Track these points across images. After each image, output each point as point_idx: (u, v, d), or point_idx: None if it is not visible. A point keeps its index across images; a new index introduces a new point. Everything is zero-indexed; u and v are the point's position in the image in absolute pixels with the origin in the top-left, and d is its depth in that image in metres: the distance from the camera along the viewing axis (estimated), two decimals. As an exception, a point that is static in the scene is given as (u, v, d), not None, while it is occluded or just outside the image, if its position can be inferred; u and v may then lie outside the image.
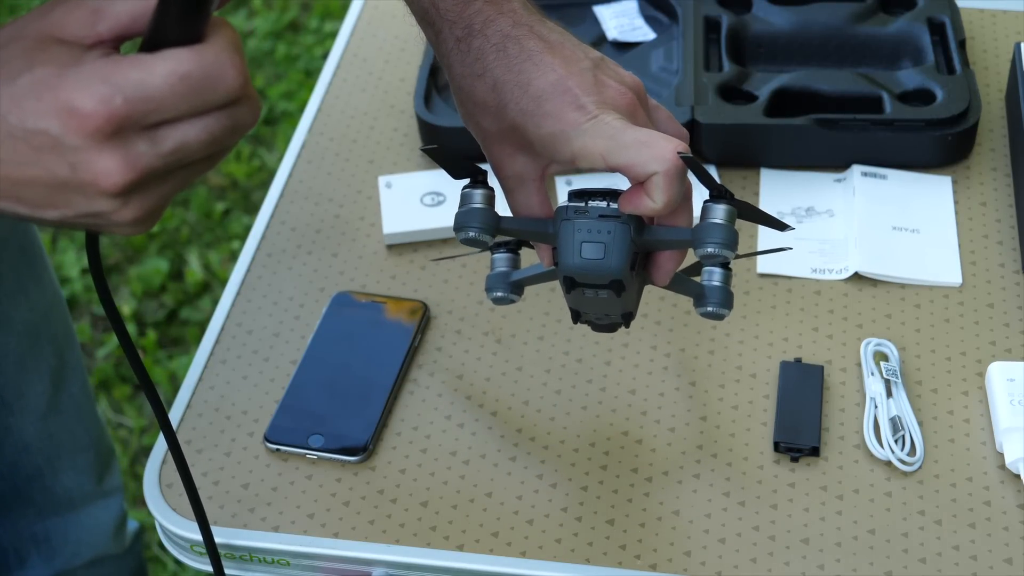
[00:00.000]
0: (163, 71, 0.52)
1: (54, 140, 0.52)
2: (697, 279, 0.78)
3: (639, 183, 0.68)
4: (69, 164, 0.53)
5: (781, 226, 0.72)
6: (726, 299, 0.75)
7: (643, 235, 0.72)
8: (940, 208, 0.99)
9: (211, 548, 0.76)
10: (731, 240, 0.69)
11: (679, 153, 0.67)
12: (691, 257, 0.74)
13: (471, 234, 0.72)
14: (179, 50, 0.52)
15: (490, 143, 0.74)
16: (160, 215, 0.57)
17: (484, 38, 0.72)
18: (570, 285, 0.73)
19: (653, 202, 0.68)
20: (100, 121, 0.51)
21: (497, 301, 0.80)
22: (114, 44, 0.54)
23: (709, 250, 0.69)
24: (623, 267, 0.71)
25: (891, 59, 1.09)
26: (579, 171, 1.03)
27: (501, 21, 0.72)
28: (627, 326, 0.79)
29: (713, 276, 0.76)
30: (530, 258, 0.83)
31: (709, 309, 0.76)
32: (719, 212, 0.69)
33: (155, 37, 0.53)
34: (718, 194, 0.70)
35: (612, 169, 0.69)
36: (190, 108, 0.53)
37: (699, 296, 0.76)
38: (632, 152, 0.67)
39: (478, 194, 0.73)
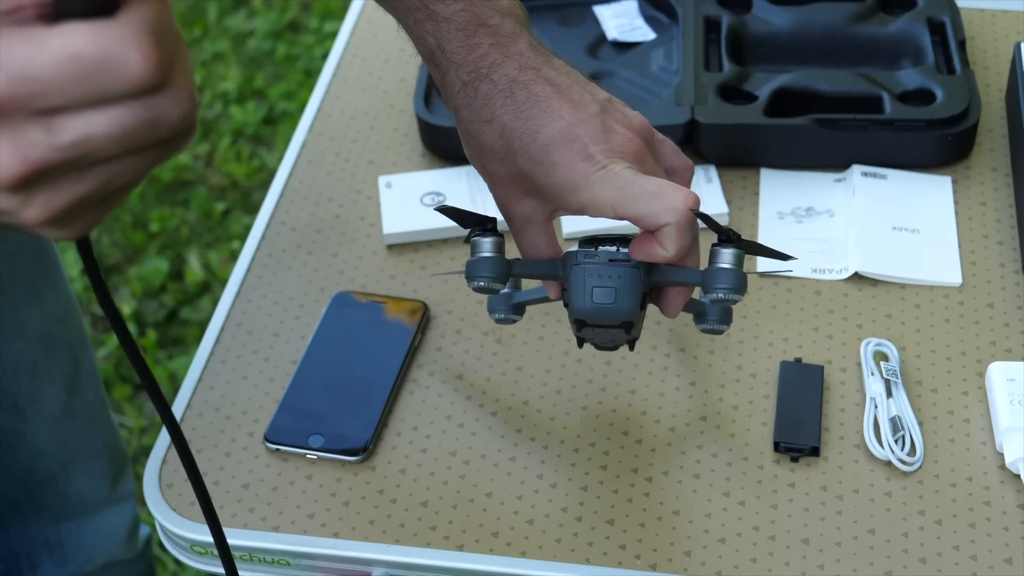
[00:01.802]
0: (52, 49, 0.44)
1: None
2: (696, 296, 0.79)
3: (649, 232, 0.69)
4: None
5: (784, 258, 0.73)
6: (725, 316, 0.77)
7: (652, 276, 0.73)
8: (940, 208, 0.99)
9: (222, 546, 0.75)
10: (740, 284, 0.71)
11: (691, 209, 0.68)
12: None
13: (482, 283, 0.74)
14: (77, 25, 0.44)
15: (498, 186, 0.74)
16: (90, 220, 0.49)
17: (491, 83, 0.72)
18: (581, 325, 0.75)
19: (665, 251, 0.69)
20: None
21: (499, 322, 0.83)
22: (40, 11, 0.46)
23: (719, 296, 0.71)
24: (634, 310, 0.72)
25: (891, 59, 1.09)
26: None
27: (508, 65, 0.72)
28: (631, 348, 0.80)
29: None
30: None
31: (709, 326, 0.78)
32: (727, 256, 0.71)
33: (59, 6, 0.45)
34: (726, 238, 0.71)
35: (622, 219, 0.69)
36: (85, 95, 0.45)
37: (699, 313, 0.78)
38: (643, 204, 0.68)
39: (487, 242, 0.74)
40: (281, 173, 1.06)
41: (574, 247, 0.75)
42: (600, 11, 1.15)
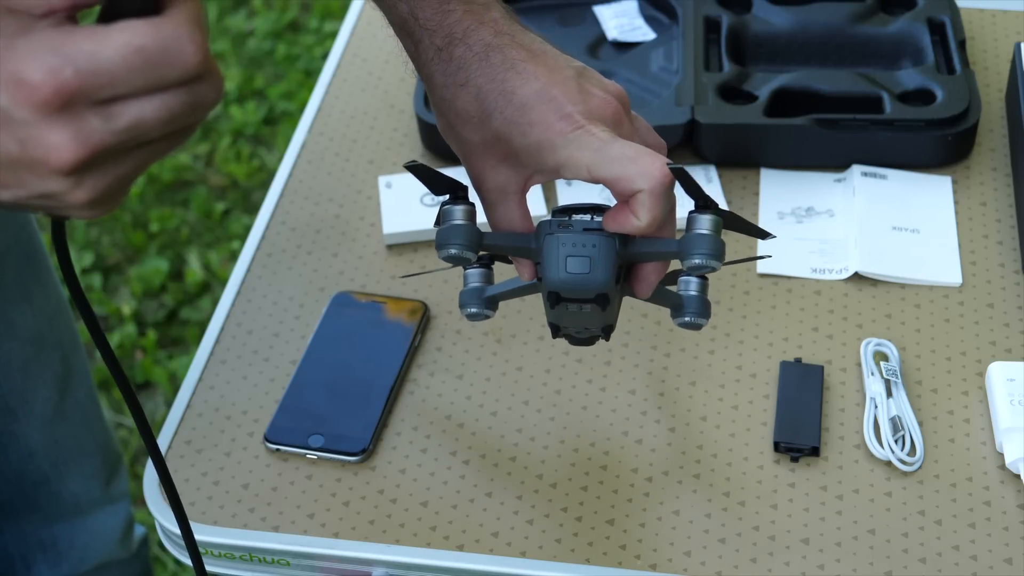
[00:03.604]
0: (117, 43, 0.49)
1: (2, 114, 0.50)
2: (674, 288, 0.77)
3: (623, 202, 0.68)
4: (18, 140, 0.50)
5: (763, 235, 0.72)
6: (703, 309, 0.75)
7: (628, 248, 0.71)
8: (940, 208, 0.99)
9: (191, 545, 0.75)
10: (718, 251, 0.68)
11: (668, 164, 0.66)
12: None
13: (453, 251, 0.71)
14: (135, 22, 0.49)
15: (472, 155, 0.73)
16: (119, 199, 0.54)
17: (466, 47, 0.71)
18: (555, 300, 0.72)
19: (638, 220, 0.67)
20: (48, 93, 0.49)
21: (471, 317, 0.78)
22: (67, 14, 0.50)
23: (696, 262, 0.68)
24: (609, 281, 0.70)
25: (891, 59, 1.09)
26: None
27: (482, 31, 0.71)
28: (607, 339, 0.78)
29: (690, 286, 0.76)
30: (503, 273, 0.82)
31: (687, 319, 0.75)
32: (705, 223, 0.69)
33: (111, 7, 0.51)
34: (704, 204, 0.69)
35: (597, 181, 0.68)
36: (145, 83, 0.50)
37: (677, 306, 0.76)
38: (618, 166, 0.67)
39: (459, 210, 0.72)
40: (281, 173, 1.06)
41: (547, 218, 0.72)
42: (600, 11, 1.15)
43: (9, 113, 0.50)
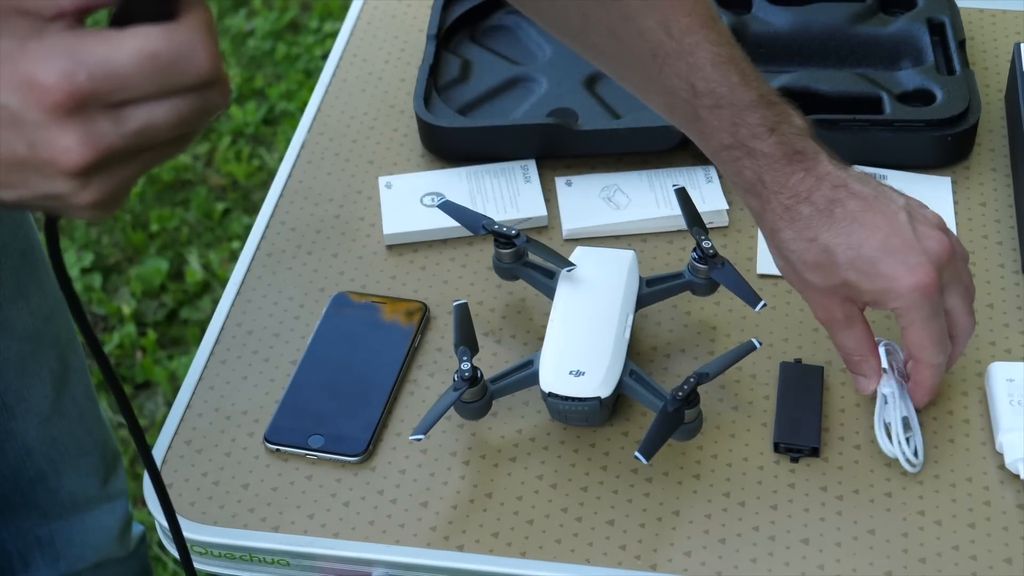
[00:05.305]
0: (131, 48, 0.49)
1: (13, 115, 0.50)
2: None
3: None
4: (28, 141, 0.50)
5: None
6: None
7: (621, 389, 0.84)
8: (940, 208, 0.99)
9: (180, 543, 0.75)
10: (694, 435, 0.83)
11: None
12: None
13: (467, 420, 0.85)
14: (149, 27, 0.50)
15: (817, 295, 0.82)
16: (122, 200, 0.54)
17: (811, 205, 0.80)
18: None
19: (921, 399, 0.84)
20: (61, 96, 0.49)
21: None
22: (77, 17, 0.51)
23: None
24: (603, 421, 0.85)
25: (891, 59, 1.08)
26: (578, 172, 1.03)
27: (823, 187, 0.80)
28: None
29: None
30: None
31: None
32: (691, 414, 0.81)
33: (124, 12, 0.51)
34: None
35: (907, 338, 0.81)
36: (157, 88, 0.50)
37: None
38: (926, 354, 0.81)
39: (471, 392, 0.82)
40: (281, 173, 1.06)
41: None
42: (600, 11, 1.15)
43: (20, 114, 0.50)
